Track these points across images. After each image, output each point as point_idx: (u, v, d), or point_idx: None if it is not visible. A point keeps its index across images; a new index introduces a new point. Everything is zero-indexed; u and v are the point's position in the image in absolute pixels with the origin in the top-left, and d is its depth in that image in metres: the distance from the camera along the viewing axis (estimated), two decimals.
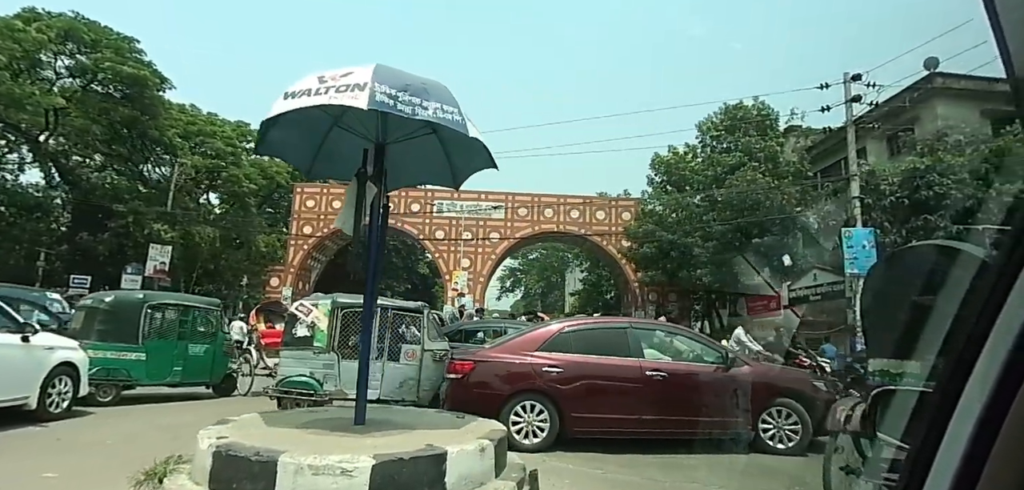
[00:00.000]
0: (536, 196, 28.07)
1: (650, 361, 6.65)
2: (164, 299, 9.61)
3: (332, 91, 3.55)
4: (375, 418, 4.25)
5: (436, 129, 4.43)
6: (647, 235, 22.58)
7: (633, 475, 5.15)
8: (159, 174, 28.10)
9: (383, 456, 3.03)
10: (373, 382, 7.75)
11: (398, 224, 29.08)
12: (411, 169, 5.20)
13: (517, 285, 53.01)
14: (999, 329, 0.61)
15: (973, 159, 14.66)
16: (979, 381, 0.62)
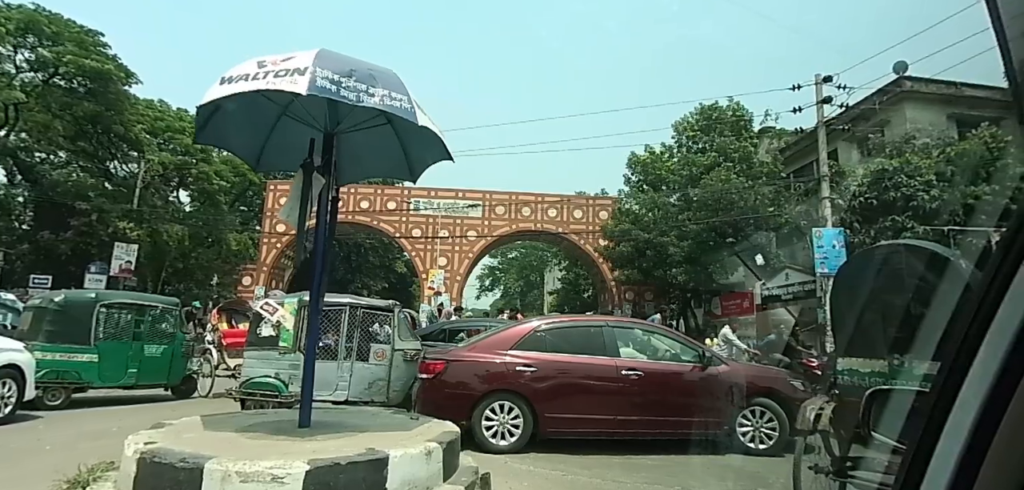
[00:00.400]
0: (514, 194, 27.95)
1: (626, 360, 6.55)
2: (118, 298, 9.25)
3: (271, 76, 3.36)
4: (324, 420, 4.07)
5: (390, 120, 4.27)
6: (623, 234, 22.63)
7: (594, 477, 5.04)
8: (126, 171, 27.31)
9: (318, 461, 2.85)
10: (341, 383, 7.56)
11: (374, 222, 28.75)
12: (366, 161, 5.02)
13: (496, 284, 52.85)
14: (995, 330, 0.60)
15: (939, 162, 14.94)
16: (976, 381, 0.62)
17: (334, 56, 3.55)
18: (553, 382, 6.37)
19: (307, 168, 3.95)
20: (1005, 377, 0.59)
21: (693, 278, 20.59)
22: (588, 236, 26.58)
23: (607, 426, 6.30)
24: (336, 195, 4.29)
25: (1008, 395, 0.58)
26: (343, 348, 7.53)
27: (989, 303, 0.61)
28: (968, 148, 15.07)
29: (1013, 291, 0.59)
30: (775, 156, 22.88)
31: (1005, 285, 0.60)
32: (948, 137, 17.18)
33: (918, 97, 19.36)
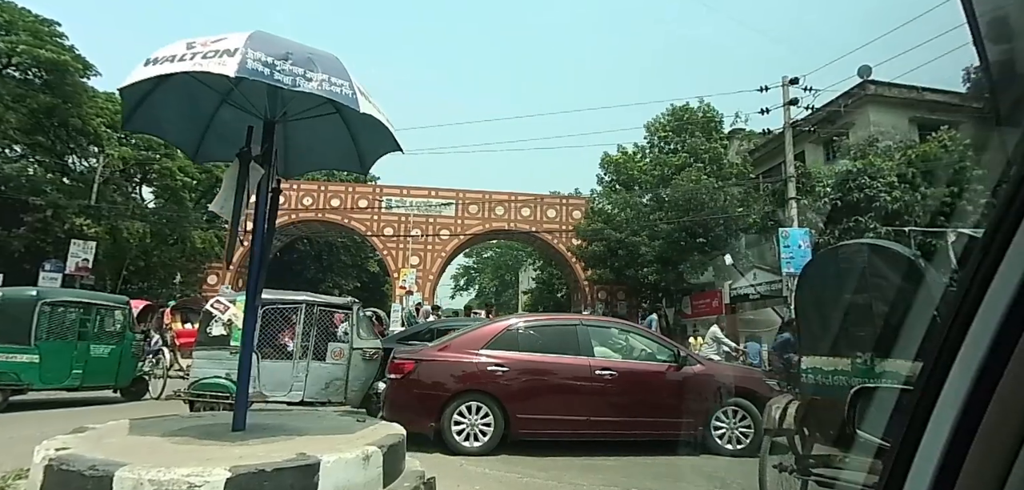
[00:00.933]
0: (487, 194, 27.80)
1: (601, 360, 6.41)
2: (61, 296, 8.82)
3: (198, 57, 3.15)
4: (262, 423, 3.86)
5: (339, 109, 4.09)
6: (596, 233, 22.67)
7: (550, 479, 4.92)
8: (84, 166, 26.29)
9: (241, 468, 2.67)
10: (296, 383, 7.32)
11: (345, 221, 28.29)
12: (315, 152, 4.82)
13: (471, 283, 52.60)
14: (976, 328, 0.62)
15: (900, 164, 15.27)
16: (958, 379, 0.62)
17: (269, 38, 3.35)
18: (525, 382, 6.22)
19: (244, 157, 3.74)
20: (986, 374, 0.60)
21: (664, 278, 20.72)
22: (561, 236, 26.58)
23: (580, 427, 6.18)
24: (277, 186, 4.08)
25: (989, 392, 0.59)
26: (299, 347, 7.29)
27: (970, 301, 0.62)
28: (927, 150, 15.45)
29: (993, 289, 0.60)
30: (744, 157, 23.20)
31: (986, 283, 0.61)
32: (909, 140, 17.60)
33: (881, 100, 19.81)
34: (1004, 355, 0.58)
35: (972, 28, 0.70)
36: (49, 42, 21.97)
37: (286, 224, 28.84)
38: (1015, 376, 0.57)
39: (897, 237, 13.58)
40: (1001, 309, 0.59)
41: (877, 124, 19.00)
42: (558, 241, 26.64)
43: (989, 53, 0.71)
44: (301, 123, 4.53)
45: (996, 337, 0.59)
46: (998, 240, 0.60)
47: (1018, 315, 0.58)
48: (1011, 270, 0.59)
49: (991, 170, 16.43)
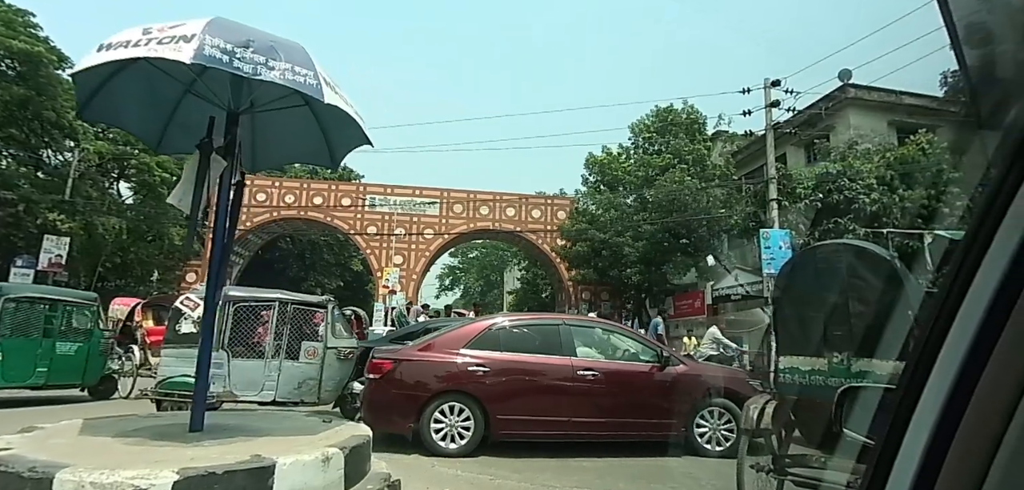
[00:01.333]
0: (472, 193, 27.66)
1: (583, 360, 6.32)
2: (26, 292, 8.55)
3: (153, 43, 3.02)
4: (222, 424, 3.73)
5: (308, 101, 3.97)
6: (580, 234, 22.67)
7: (523, 481, 4.83)
8: (59, 160, 25.70)
9: (190, 471, 2.54)
10: (268, 383, 7.16)
11: (327, 219, 27.97)
12: (284, 145, 4.70)
13: (456, 283, 52.39)
14: (957, 328, 0.63)
15: (879, 166, 15.45)
16: (939, 379, 0.64)
17: (230, 24, 3.23)
18: (506, 383, 6.12)
19: (204, 148, 3.60)
20: (966, 375, 0.61)
21: (647, 278, 20.77)
22: (546, 236, 26.54)
23: (562, 428, 6.09)
24: (240, 179, 3.95)
25: (969, 392, 0.60)
26: (271, 346, 7.13)
27: (951, 302, 0.63)
28: (906, 153, 15.65)
29: (973, 290, 0.61)
30: (727, 159, 23.35)
31: (966, 284, 0.62)
32: (888, 143, 17.82)
33: (861, 104, 20.06)
34: (983, 356, 0.59)
35: (950, 32, 0.72)
36: (23, 33, 21.44)
37: (267, 221, 28.47)
38: (994, 377, 0.58)
39: (875, 239, 13.74)
40: (981, 310, 0.60)
41: (857, 127, 19.24)
42: (543, 241, 26.61)
43: (968, 57, 0.72)
44: (269, 116, 4.40)
45: (976, 338, 0.60)
46: (978, 242, 0.61)
47: (997, 316, 0.59)
48: (991, 271, 0.60)
49: (968, 173, 16.72)
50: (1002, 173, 0.60)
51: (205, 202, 3.61)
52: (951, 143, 17.18)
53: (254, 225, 27.73)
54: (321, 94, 3.29)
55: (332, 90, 3.44)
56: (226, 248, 3.75)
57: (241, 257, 29.45)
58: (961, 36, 0.70)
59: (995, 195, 0.60)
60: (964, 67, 0.72)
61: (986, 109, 0.76)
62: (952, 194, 15.22)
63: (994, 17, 0.71)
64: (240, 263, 29.59)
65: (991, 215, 0.60)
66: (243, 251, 29.34)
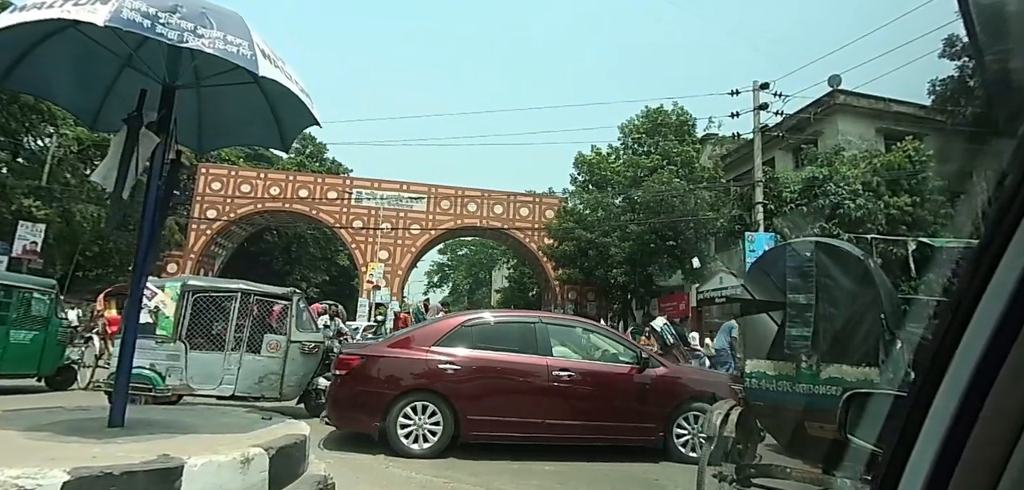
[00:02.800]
0: (460, 189, 27.42)
1: (559, 360, 6.06)
2: None
3: (69, 4, 2.77)
4: (149, 419, 3.49)
5: (257, 78, 3.73)
6: (567, 233, 22.50)
7: (478, 485, 4.61)
8: (39, 146, 25.18)
9: (83, 470, 2.31)
10: (227, 376, 6.90)
11: (313, 212, 27.64)
12: (232, 126, 4.44)
13: (445, 280, 52.12)
14: (969, 335, 0.62)
15: (865, 172, 15.37)
16: (951, 385, 0.63)
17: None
18: (478, 382, 5.86)
19: (132, 123, 3.35)
20: (978, 383, 0.60)
21: (633, 279, 20.64)
22: (533, 234, 26.36)
23: (536, 429, 5.84)
24: (176, 158, 3.70)
25: (981, 400, 0.59)
26: (231, 338, 6.87)
27: (965, 308, 0.63)
28: (892, 160, 15.59)
29: (987, 296, 0.61)
30: (717, 162, 23.27)
31: (980, 290, 0.62)
32: (875, 149, 17.76)
33: (849, 110, 20.01)
34: (996, 364, 0.59)
35: (971, 38, 0.72)
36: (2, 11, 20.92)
37: (252, 213, 28.10)
38: (1006, 385, 0.58)
39: (859, 244, 13.65)
40: (994, 317, 0.59)
41: (845, 133, 19.17)
42: (530, 240, 26.42)
43: (987, 63, 0.73)
44: (216, 94, 4.16)
45: (989, 345, 0.59)
46: (993, 247, 0.61)
47: (1011, 323, 0.58)
48: (1005, 278, 0.60)
49: (952, 181, 16.71)
50: (1018, 178, 0.60)
51: (132, 181, 3.35)
52: (937, 151, 17.19)
53: (238, 216, 27.36)
54: (255, 66, 3.05)
55: (270, 63, 3.20)
56: (154, 233, 3.50)
57: (224, 248, 29.06)
58: (981, 42, 0.71)
59: (1011, 201, 0.60)
60: (982, 72, 0.78)
61: (1003, 115, 0.77)
62: (936, 202, 15.18)
63: (1016, 25, 0.70)
64: (223, 254, 29.19)
65: (1007, 221, 0.60)
66: (226, 243, 28.96)
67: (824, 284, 3.62)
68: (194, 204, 27.46)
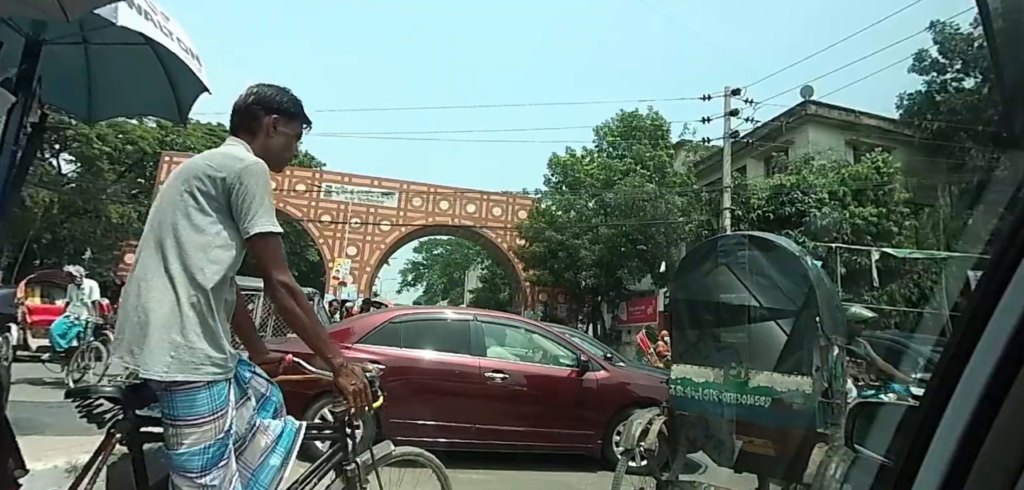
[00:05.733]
0: (432, 187, 26.93)
1: (493, 361, 5.71)
2: None
3: None
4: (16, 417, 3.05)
5: (150, 41, 3.33)
6: (537, 234, 22.23)
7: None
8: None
9: None
10: None
11: (280, 204, 26.91)
12: (124, 92, 4.02)
13: (419, 279, 51.53)
14: (983, 344, 0.62)
15: (832, 181, 15.40)
16: (962, 397, 0.63)
17: None
18: (403, 383, 5.46)
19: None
20: (991, 394, 0.60)
21: (602, 282, 20.45)
22: (505, 235, 26.02)
23: (465, 435, 5.47)
24: (39, 122, 3.27)
25: (994, 413, 0.59)
26: None
27: (979, 318, 0.63)
28: (859, 170, 15.64)
29: (1001, 308, 0.61)
30: (690, 168, 23.26)
31: (995, 300, 0.61)
32: (844, 160, 17.85)
33: (820, 121, 20.11)
34: (1009, 376, 0.58)
35: (990, 48, 0.77)
36: None
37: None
38: (1020, 398, 0.58)
39: (823, 252, 13.62)
40: (1009, 328, 0.59)
41: (815, 143, 19.26)
42: (502, 240, 26.08)
43: (1006, 76, 0.75)
44: (107, 58, 3.76)
45: (1002, 357, 0.59)
46: (1008, 258, 0.62)
47: None
48: (1021, 288, 0.59)
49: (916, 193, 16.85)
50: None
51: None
52: (904, 163, 17.34)
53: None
54: (115, 16, 2.67)
55: (140, 15, 2.82)
56: (5, 204, 3.07)
57: None
58: (1000, 55, 0.76)
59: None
60: (1001, 84, 0.80)
61: (1020, 127, 0.80)
62: (902, 213, 15.27)
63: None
64: None
65: (1023, 231, 0.61)
66: None
67: (756, 282, 3.34)
68: (155, 192, 26.62)
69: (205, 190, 1.76)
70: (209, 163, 1.80)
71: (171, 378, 1.65)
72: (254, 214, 1.77)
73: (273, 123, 2.00)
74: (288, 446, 2.00)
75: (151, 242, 1.76)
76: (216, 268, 1.75)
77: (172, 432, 1.69)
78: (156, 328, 1.66)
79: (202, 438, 1.68)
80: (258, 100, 1.99)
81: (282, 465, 1.95)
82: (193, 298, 1.70)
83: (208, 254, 1.74)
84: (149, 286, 1.70)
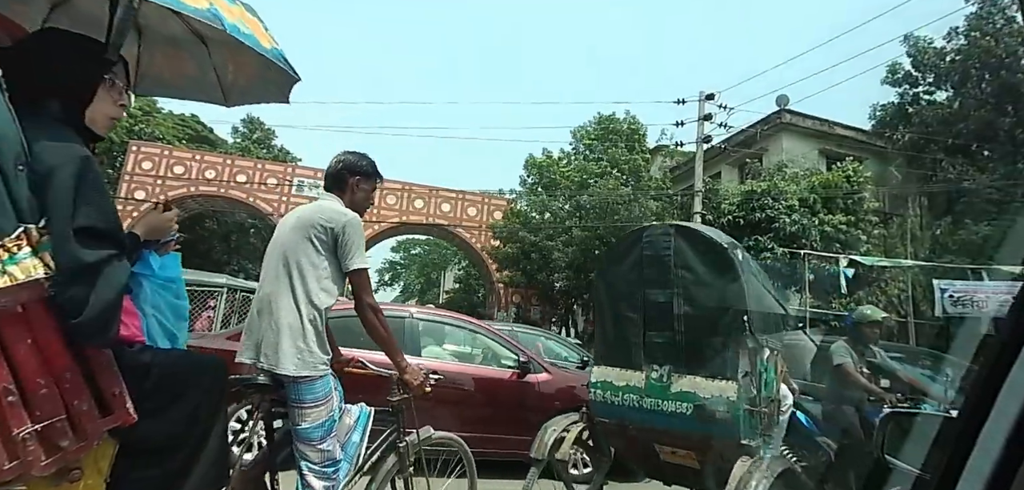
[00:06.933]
0: (407, 184, 26.50)
1: (428, 361, 5.37)
2: None
3: None
4: None
5: None
6: (511, 234, 21.94)
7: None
8: None
9: None
10: None
11: (250, 198, 26.29)
12: None
13: (396, 279, 50.93)
14: None
15: (803, 189, 15.35)
16: (1001, 410, 0.62)
17: None
18: None
19: None
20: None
21: (575, 284, 20.22)
22: (479, 235, 25.68)
23: None
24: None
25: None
26: None
27: (1020, 330, 0.62)
28: (830, 179, 15.62)
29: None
30: (666, 173, 23.21)
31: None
32: (816, 169, 17.87)
33: (794, 129, 20.18)
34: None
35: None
36: None
37: (184, 197, 26.50)
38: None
39: (792, 259, 13.52)
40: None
41: (789, 151, 19.31)
42: (476, 240, 25.73)
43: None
44: None
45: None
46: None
47: None
48: None
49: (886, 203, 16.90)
50: None
51: None
52: (875, 173, 17.40)
53: (169, 199, 25.77)
54: None
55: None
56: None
57: None
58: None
59: None
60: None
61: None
62: (870, 222, 15.27)
63: None
64: (174, 232, 27.46)
65: None
66: None
67: (681, 277, 3.06)
68: (121, 183, 25.84)
69: (321, 237, 2.38)
70: (321, 216, 2.41)
71: (298, 373, 2.27)
72: (353, 255, 2.42)
73: (357, 183, 2.63)
74: (365, 424, 2.72)
75: (278, 270, 2.38)
76: (327, 294, 2.40)
77: (297, 412, 2.34)
78: (286, 337, 2.27)
79: (319, 415, 2.33)
80: (345, 166, 2.62)
81: (361, 440, 2.64)
82: (311, 315, 2.33)
83: (321, 283, 2.38)
84: (279, 305, 2.32)
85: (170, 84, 3.69)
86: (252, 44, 2.19)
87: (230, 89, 2.93)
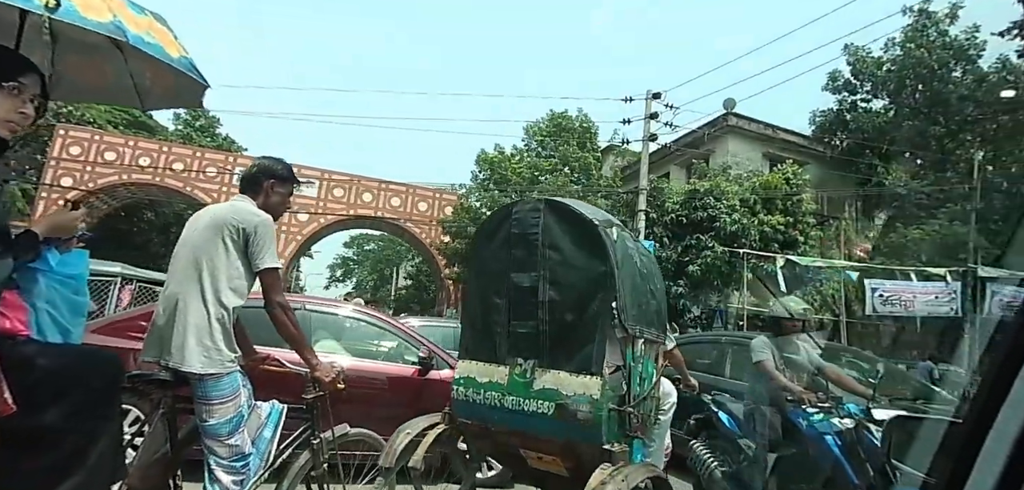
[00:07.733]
0: (355, 177, 25.73)
1: (323, 355, 4.95)
2: None
3: None
4: None
5: None
6: (461, 230, 21.54)
7: None
8: None
9: None
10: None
11: (188, 188, 25.00)
12: None
13: (349, 275, 49.72)
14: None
15: (744, 189, 15.52)
16: (1008, 415, 0.61)
17: None
18: None
19: None
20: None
21: None
22: (430, 230, 25.15)
23: None
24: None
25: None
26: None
27: None
28: (770, 180, 15.85)
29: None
30: (617, 173, 23.24)
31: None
32: (759, 171, 18.15)
33: (740, 132, 20.51)
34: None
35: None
36: None
37: (116, 184, 25.01)
38: None
39: (731, 258, 13.60)
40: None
41: (734, 153, 19.58)
42: (426, 235, 25.19)
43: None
44: None
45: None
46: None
47: None
48: None
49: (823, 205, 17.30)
50: None
51: None
52: (813, 176, 17.79)
53: (98, 187, 24.25)
54: None
55: None
56: None
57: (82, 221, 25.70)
58: None
59: None
60: None
61: None
62: (808, 223, 15.55)
63: None
64: (85, 228, 25.81)
65: None
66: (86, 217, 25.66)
67: (548, 257, 2.73)
68: (47, 169, 24.20)
69: (233, 237, 2.38)
70: (234, 216, 2.43)
71: (205, 371, 2.28)
72: (263, 255, 2.42)
73: (271, 186, 2.62)
74: (276, 421, 2.64)
75: (187, 269, 2.37)
76: (236, 293, 2.40)
77: (205, 409, 2.32)
78: (192, 335, 2.27)
79: (227, 412, 2.33)
80: (260, 170, 2.63)
81: (272, 437, 2.58)
82: (219, 314, 2.33)
83: (231, 283, 2.38)
84: (187, 304, 2.31)
85: (86, 88, 3.52)
86: (157, 54, 2.24)
87: (146, 94, 2.94)
